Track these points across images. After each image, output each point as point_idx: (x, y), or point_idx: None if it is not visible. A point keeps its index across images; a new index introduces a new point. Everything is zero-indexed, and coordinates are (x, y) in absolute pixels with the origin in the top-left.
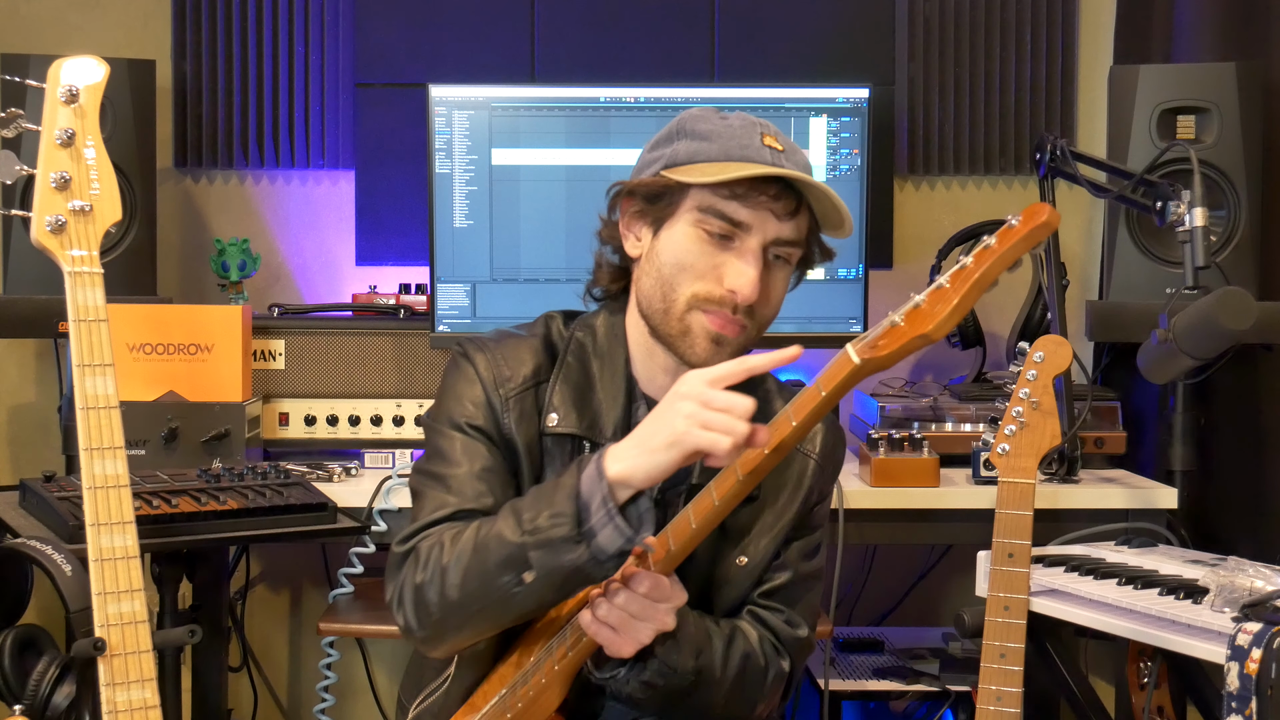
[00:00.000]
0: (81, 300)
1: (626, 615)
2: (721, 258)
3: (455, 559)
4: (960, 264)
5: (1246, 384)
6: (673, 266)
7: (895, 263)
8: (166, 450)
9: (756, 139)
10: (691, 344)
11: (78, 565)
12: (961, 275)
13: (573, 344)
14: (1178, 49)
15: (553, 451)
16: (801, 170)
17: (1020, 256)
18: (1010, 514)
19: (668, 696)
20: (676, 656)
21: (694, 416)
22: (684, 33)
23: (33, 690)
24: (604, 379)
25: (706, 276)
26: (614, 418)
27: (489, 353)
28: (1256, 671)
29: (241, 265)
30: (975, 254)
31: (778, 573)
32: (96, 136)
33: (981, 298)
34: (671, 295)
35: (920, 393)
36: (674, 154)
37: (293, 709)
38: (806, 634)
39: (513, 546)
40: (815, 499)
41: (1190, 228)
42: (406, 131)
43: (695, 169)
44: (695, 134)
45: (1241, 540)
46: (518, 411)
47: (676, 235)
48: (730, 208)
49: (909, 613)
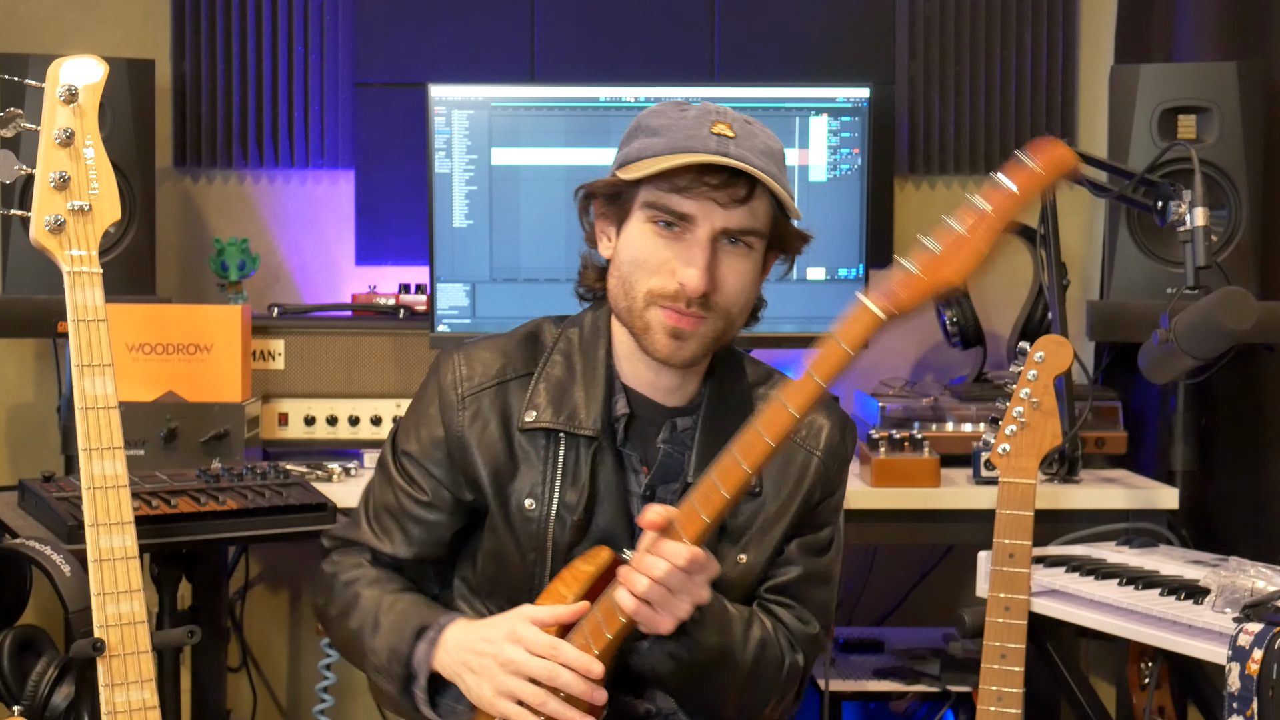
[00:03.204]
0: (81, 300)
1: (666, 591)
2: (673, 250)
3: (338, 621)
4: (976, 208)
5: (1247, 384)
6: (630, 264)
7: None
8: (166, 450)
9: (705, 128)
10: (652, 340)
11: (77, 566)
12: (983, 221)
13: (561, 342)
14: (1179, 48)
15: (527, 448)
16: (753, 155)
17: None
18: (1011, 514)
19: (690, 672)
20: (701, 631)
21: (503, 689)
22: (684, 32)
23: (32, 691)
24: (584, 373)
25: (660, 271)
26: (594, 411)
27: (459, 355)
28: (1258, 672)
29: (241, 265)
30: (994, 200)
31: (784, 568)
32: (96, 136)
33: (981, 298)
34: (632, 293)
35: (921, 392)
36: (627, 153)
37: (292, 709)
38: (818, 631)
39: (364, 659)
40: (819, 496)
41: (1191, 227)
42: (406, 131)
43: (640, 165)
44: (648, 130)
45: (1242, 540)
46: (474, 409)
47: (631, 233)
48: (673, 200)
49: (909, 613)
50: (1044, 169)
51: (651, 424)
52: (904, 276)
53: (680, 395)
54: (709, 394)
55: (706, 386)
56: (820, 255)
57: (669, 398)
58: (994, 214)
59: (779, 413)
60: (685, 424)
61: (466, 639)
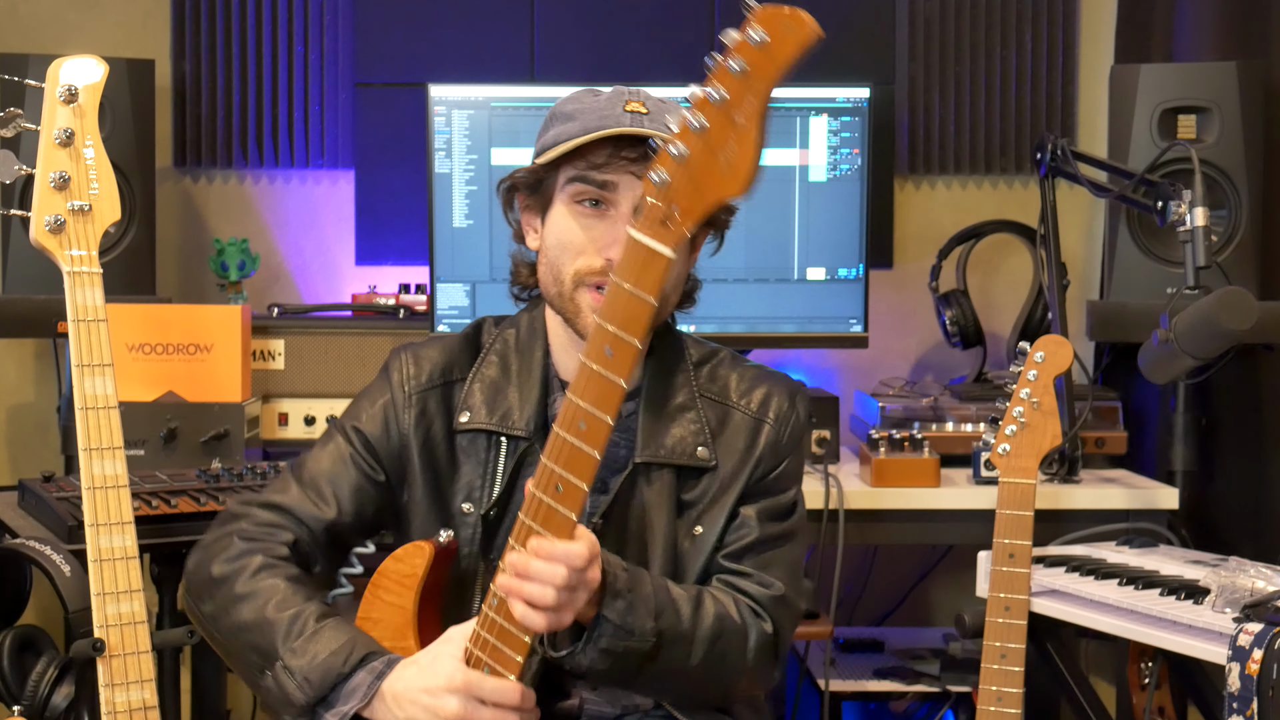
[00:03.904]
0: (81, 300)
1: (570, 593)
2: (599, 229)
3: (242, 601)
4: (712, 96)
5: (1247, 384)
6: (556, 248)
7: (895, 262)
8: (166, 450)
9: (619, 107)
10: (584, 322)
11: (77, 566)
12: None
13: (497, 342)
14: (1179, 48)
15: (468, 450)
16: (658, 124)
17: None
18: (1011, 514)
19: (628, 662)
20: (632, 618)
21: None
22: (684, 32)
23: (31, 691)
24: (520, 373)
25: (586, 250)
26: (528, 411)
27: (407, 353)
28: (1258, 672)
29: (241, 265)
30: (728, 84)
31: (739, 533)
32: (95, 136)
33: (981, 298)
34: (560, 276)
35: (921, 393)
36: (544, 141)
37: None
38: (783, 591)
39: (270, 651)
40: (771, 463)
41: (1191, 227)
42: (406, 131)
43: (556, 150)
44: (562, 116)
45: (1242, 540)
46: (419, 409)
47: (555, 217)
48: (592, 174)
49: (909, 613)
50: (776, 40)
51: None
52: (664, 192)
53: None
54: (648, 375)
55: (646, 371)
56: (820, 255)
57: None
58: (734, 100)
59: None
60: (628, 408)
61: (407, 689)
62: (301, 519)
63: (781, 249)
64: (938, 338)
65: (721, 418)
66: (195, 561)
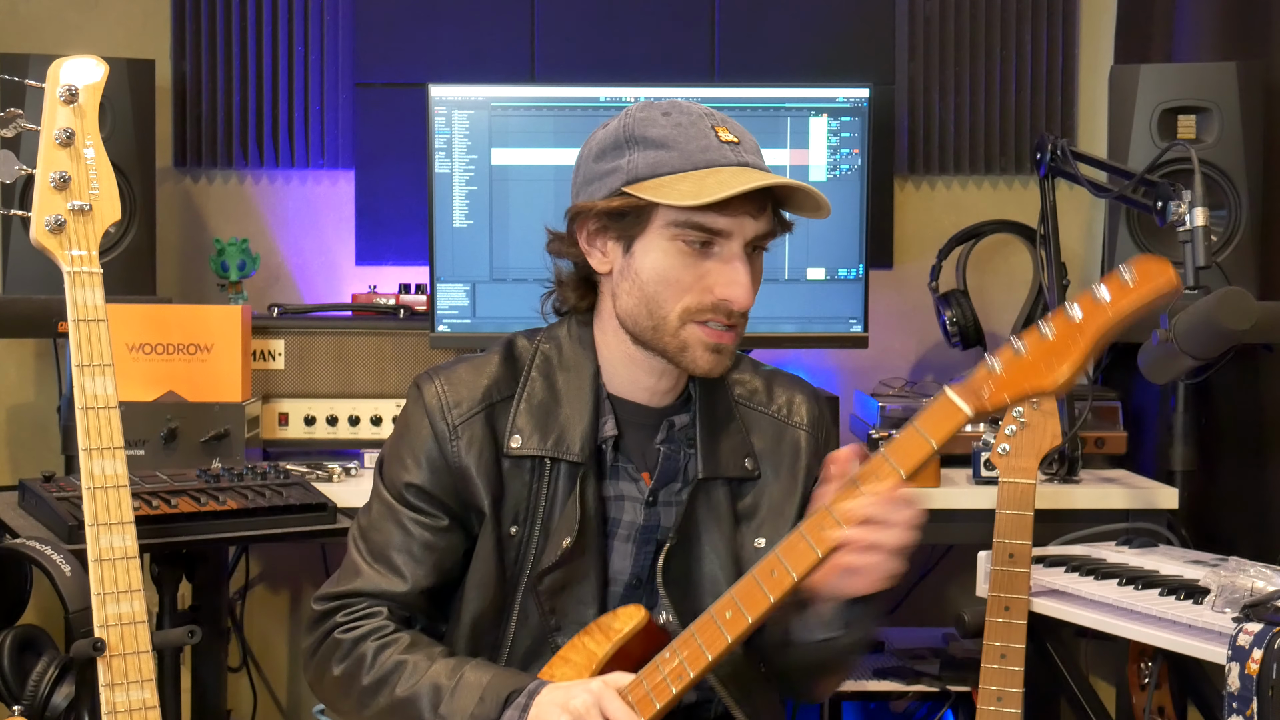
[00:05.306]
0: (81, 300)
1: (878, 535)
2: (705, 267)
3: (375, 690)
4: (1067, 315)
5: (1247, 384)
6: (656, 283)
7: (895, 262)
8: (166, 450)
9: (712, 136)
10: (693, 358)
11: (77, 566)
12: (1072, 331)
13: (538, 358)
14: (1178, 49)
15: (512, 471)
16: (757, 156)
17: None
18: (1011, 514)
19: (831, 662)
20: (873, 610)
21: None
22: (684, 32)
23: (32, 691)
24: (570, 393)
25: (694, 289)
26: (580, 431)
27: (439, 380)
28: (1257, 672)
29: (241, 265)
30: (1086, 309)
31: None
32: (96, 136)
33: (981, 298)
34: (659, 312)
35: (920, 393)
36: (633, 168)
37: (292, 709)
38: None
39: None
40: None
41: (1191, 227)
42: (406, 131)
43: (664, 185)
44: (649, 142)
45: (1242, 540)
46: (468, 436)
47: (654, 251)
48: (708, 219)
49: (909, 613)
50: (1140, 287)
51: (644, 429)
52: (990, 376)
53: (671, 395)
54: (700, 390)
55: (694, 382)
56: (820, 255)
57: (662, 399)
58: (1084, 324)
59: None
60: (682, 421)
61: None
62: (382, 596)
63: (781, 249)
64: (938, 338)
65: (757, 426)
66: (314, 673)
